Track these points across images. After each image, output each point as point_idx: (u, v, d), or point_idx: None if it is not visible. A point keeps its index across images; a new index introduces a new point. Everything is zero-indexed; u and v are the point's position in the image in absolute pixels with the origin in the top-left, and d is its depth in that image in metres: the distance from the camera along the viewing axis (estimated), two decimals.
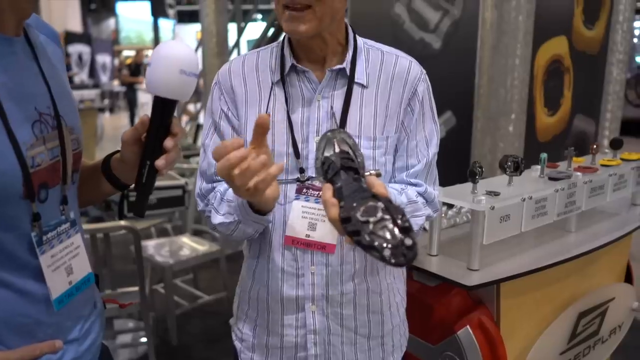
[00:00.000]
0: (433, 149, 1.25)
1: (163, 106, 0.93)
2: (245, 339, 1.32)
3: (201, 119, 7.01)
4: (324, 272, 1.20)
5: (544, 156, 1.89)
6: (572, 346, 1.91)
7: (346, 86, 1.19)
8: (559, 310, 1.83)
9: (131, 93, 12.30)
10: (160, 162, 0.93)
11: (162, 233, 4.32)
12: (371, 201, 0.77)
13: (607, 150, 2.29)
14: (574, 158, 2.04)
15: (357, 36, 1.24)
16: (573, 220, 1.97)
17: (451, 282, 1.59)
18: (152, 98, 0.93)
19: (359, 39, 1.24)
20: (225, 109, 1.23)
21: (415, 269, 1.69)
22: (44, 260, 0.91)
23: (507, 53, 2.60)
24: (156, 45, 1.10)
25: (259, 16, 13.20)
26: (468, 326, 1.59)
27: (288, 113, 1.18)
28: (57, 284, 0.94)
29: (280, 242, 1.20)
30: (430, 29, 2.95)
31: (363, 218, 0.75)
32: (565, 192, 1.82)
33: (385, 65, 1.22)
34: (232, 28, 6.61)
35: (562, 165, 2.03)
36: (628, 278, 2.23)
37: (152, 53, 0.92)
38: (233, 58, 1.29)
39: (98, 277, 1.11)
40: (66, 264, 0.96)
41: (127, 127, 1.11)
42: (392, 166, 1.23)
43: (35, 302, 0.91)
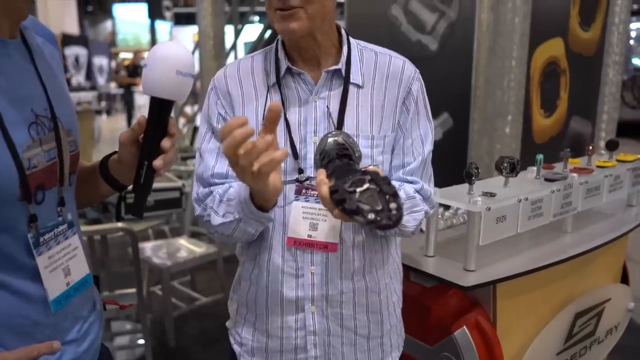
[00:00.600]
0: (428, 147, 1.26)
1: (160, 107, 0.93)
2: (244, 343, 1.32)
3: (198, 121, 7.01)
4: (324, 272, 1.20)
5: (540, 157, 1.90)
6: (569, 347, 1.91)
7: (342, 87, 1.20)
8: (556, 310, 1.83)
9: (128, 95, 12.30)
10: (157, 163, 0.94)
11: (160, 235, 4.32)
12: (360, 175, 0.81)
13: (603, 151, 2.30)
14: (570, 159, 2.05)
15: (350, 37, 1.25)
16: (569, 221, 1.97)
17: (448, 283, 1.60)
18: (149, 99, 0.93)
19: (352, 40, 1.25)
20: (222, 113, 1.23)
21: (412, 270, 1.69)
22: (41, 261, 0.91)
23: (504, 55, 2.61)
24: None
25: (256, 18, 13.21)
26: (465, 327, 1.60)
27: (285, 114, 1.19)
28: (55, 285, 0.94)
29: (280, 244, 1.20)
30: (426, 31, 2.96)
31: (350, 188, 0.79)
32: (561, 193, 1.82)
33: (379, 65, 1.23)
34: (229, 30, 6.61)
35: (558, 166, 2.04)
36: (624, 279, 2.24)
37: (148, 54, 0.92)
38: (228, 63, 1.30)
39: (98, 279, 1.11)
40: (64, 265, 0.96)
41: (124, 130, 1.11)
42: (389, 165, 1.24)
43: (32, 303, 0.91)
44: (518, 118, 2.70)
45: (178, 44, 0.94)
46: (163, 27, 19.77)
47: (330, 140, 1.08)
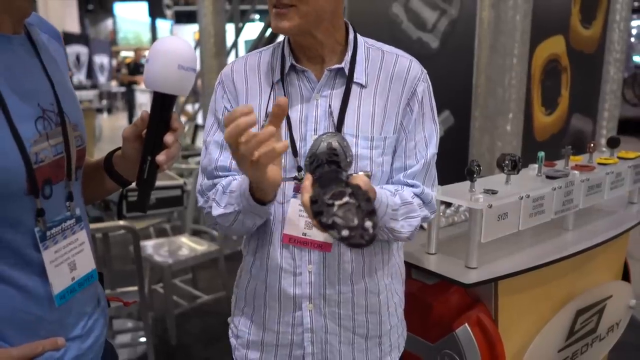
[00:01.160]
0: (432, 150, 1.24)
1: (162, 102, 0.94)
2: (240, 336, 1.33)
3: (199, 120, 7.01)
4: (321, 271, 1.20)
5: (542, 155, 1.90)
6: (570, 344, 1.91)
7: (344, 86, 1.19)
8: (557, 307, 1.84)
9: (129, 94, 12.30)
10: (161, 158, 0.94)
11: (161, 233, 4.32)
12: (341, 187, 0.81)
13: (605, 148, 2.30)
14: (572, 157, 2.05)
15: (358, 35, 1.24)
16: (570, 218, 1.97)
17: (449, 280, 1.60)
18: (152, 94, 0.94)
19: (360, 38, 1.24)
20: (228, 106, 1.24)
21: (413, 267, 1.69)
22: (47, 255, 0.92)
23: (505, 52, 2.61)
24: None
25: (257, 16, 13.19)
26: (466, 324, 1.60)
27: (287, 112, 1.19)
28: (59, 280, 0.94)
29: (279, 240, 1.21)
30: (427, 29, 2.96)
31: (329, 201, 0.79)
32: (562, 191, 1.83)
33: (385, 64, 1.22)
34: (230, 28, 6.61)
35: (560, 163, 2.04)
36: (625, 276, 2.24)
37: (150, 49, 0.93)
38: (236, 58, 1.31)
39: (102, 275, 1.12)
40: (69, 260, 0.97)
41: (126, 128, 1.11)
42: (390, 167, 1.22)
43: (37, 299, 0.91)
44: (519, 116, 2.70)
45: (180, 39, 0.94)
46: (164, 26, 19.76)
47: (323, 143, 1.08)
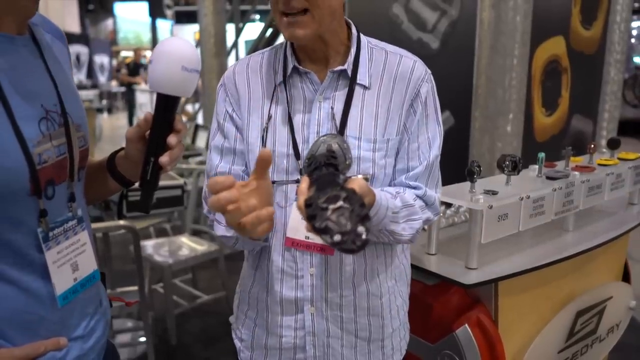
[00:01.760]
0: (435, 151, 1.23)
1: (166, 103, 0.94)
2: (244, 339, 1.33)
3: (199, 120, 7.02)
4: (323, 274, 1.20)
5: (542, 155, 1.91)
6: (570, 344, 1.92)
7: (347, 87, 1.17)
8: (557, 308, 1.84)
9: (129, 93, 12.29)
10: (164, 159, 0.94)
11: (161, 233, 4.32)
12: (336, 191, 0.81)
13: (605, 149, 2.31)
14: (572, 157, 2.06)
15: (362, 35, 1.22)
16: (571, 219, 1.98)
17: (449, 281, 1.60)
18: (155, 95, 0.94)
19: (364, 38, 1.22)
20: (229, 110, 1.23)
21: (414, 268, 1.69)
22: (50, 256, 0.92)
23: (505, 53, 2.62)
24: (154, 46, 1.11)
25: (257, 17, 13.19)
26: (466, 324, 1.60)
27: (289, 114, 1.18)
28: (62, 280, 0.94)
29: (280, 244, 1.20)
30: (428, 29, 2.96)
31: (323, 205, 0.79)
32: (562, 192, 1.83)
33: (388, 65, 1.20)
34: (230, 29, 6.62)
35: (560, 164, 2.04)
36: (625, 277, 2.24)
37: (154, 50, 0.92)
38: (238, 60, 1.29)
39: (104, 276, 1.12)
40: (72, 261, 0.97)
41: (126, 128, 1.11)
42: (393, 169, 1.21)
43: (39, 299, 0.91)
44: (519, 116, 2.71)
45: (183, 40, 0.93)
46: (164, 26, 19.75)
47: (322, 145, 1.07)
